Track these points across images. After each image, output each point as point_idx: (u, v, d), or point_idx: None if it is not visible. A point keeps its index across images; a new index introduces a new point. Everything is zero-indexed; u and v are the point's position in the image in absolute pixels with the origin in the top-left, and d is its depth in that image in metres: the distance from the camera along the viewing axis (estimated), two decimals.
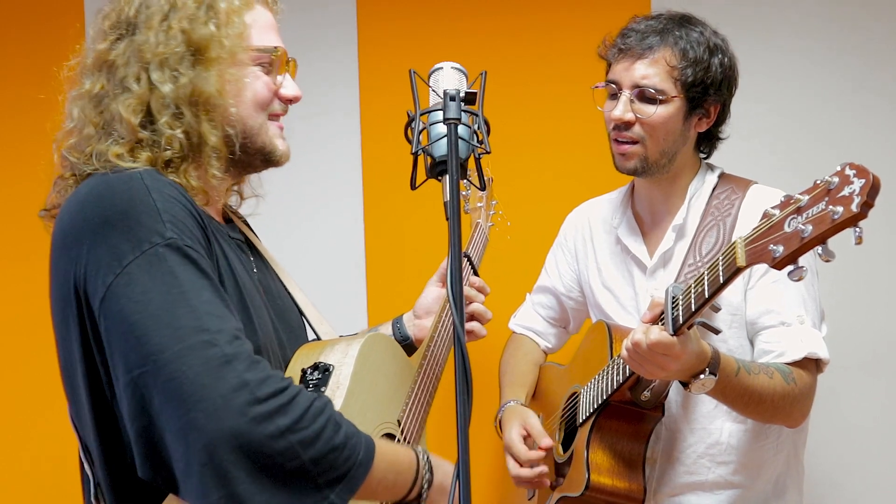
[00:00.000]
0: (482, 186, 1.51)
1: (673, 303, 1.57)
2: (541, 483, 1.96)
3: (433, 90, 1.36)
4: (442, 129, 1.29)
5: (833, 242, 1.27)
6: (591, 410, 1.85)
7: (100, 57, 1.35)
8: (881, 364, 2.44)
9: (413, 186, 1.34)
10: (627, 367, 1.71)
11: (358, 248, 2.64)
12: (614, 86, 1.88)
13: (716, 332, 1.62)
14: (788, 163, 2.44)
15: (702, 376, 1.62)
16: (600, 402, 1.82)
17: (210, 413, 1.13)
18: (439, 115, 1.30)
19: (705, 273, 1.50)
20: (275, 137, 1.43)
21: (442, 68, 1.38)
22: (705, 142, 1.96)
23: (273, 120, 1.43)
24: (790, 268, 1.33)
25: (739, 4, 2.46)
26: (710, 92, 1.86)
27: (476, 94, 1.33)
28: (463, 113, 1.30)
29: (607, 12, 2.47)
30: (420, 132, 1.33)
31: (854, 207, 1.22)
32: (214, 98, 1.33)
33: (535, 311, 2.27)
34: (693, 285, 1.53)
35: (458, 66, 1.38)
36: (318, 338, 1.59)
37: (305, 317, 1.60)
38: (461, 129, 1.29)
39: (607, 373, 1.82)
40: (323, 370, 1.40)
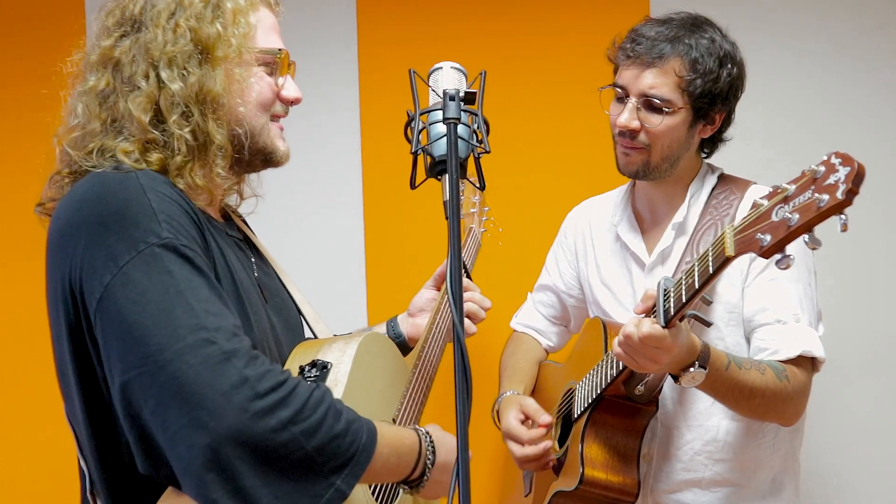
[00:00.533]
0: (482, 186, 1.51)
1: (664, 295, 1.58)
2: (547, 460, 1.95)
3: (433, 90, 1.37)
4: (441, 128, 1.29)
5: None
6: (586, 405, 1.86)
7: (105, 54, 1.34)
8: (880, 363, 2.44)
9: (413, 186, 1.34)
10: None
11: (358, 248, 2.64)
12: (621, 90, 1.87)
13: (707, 325, 1.64)
14: (788, 163, 2.43)
15: (691, 369, 1.63)
16: (594, 397, 1.83)
17: (212, 411, 1.14)
18: (439, 114, 1.30)
19: (695, 264, 1.51)
20: (276, 138, 1.44)
21: (441, 68, 1.38)
22: (708, 144, 1.97)
23: (274, 121, 1.44)
24: (777, 256, 1.33)
25: (739, 4, 2.47)
26: (717, 102, 1.85)
27: (475, 93, 1.33)
28: (462, 112, 1.30)
29: (607, 12, 2.48)
30: (420, 132, 1.33)
31: (839, 195, 1.23)
32: (221, 97, 1.33)
33: (537, 309, 2.27)
34: (684, 277, 1.54)
35: (458, 65, 1.39)
36: (315, 336, 1.60)
37: (303, 315, 1.61)
38: (461, 129, 1.29)
39: (601, 368, 1.83)
40: (321, 367, 1.41)
